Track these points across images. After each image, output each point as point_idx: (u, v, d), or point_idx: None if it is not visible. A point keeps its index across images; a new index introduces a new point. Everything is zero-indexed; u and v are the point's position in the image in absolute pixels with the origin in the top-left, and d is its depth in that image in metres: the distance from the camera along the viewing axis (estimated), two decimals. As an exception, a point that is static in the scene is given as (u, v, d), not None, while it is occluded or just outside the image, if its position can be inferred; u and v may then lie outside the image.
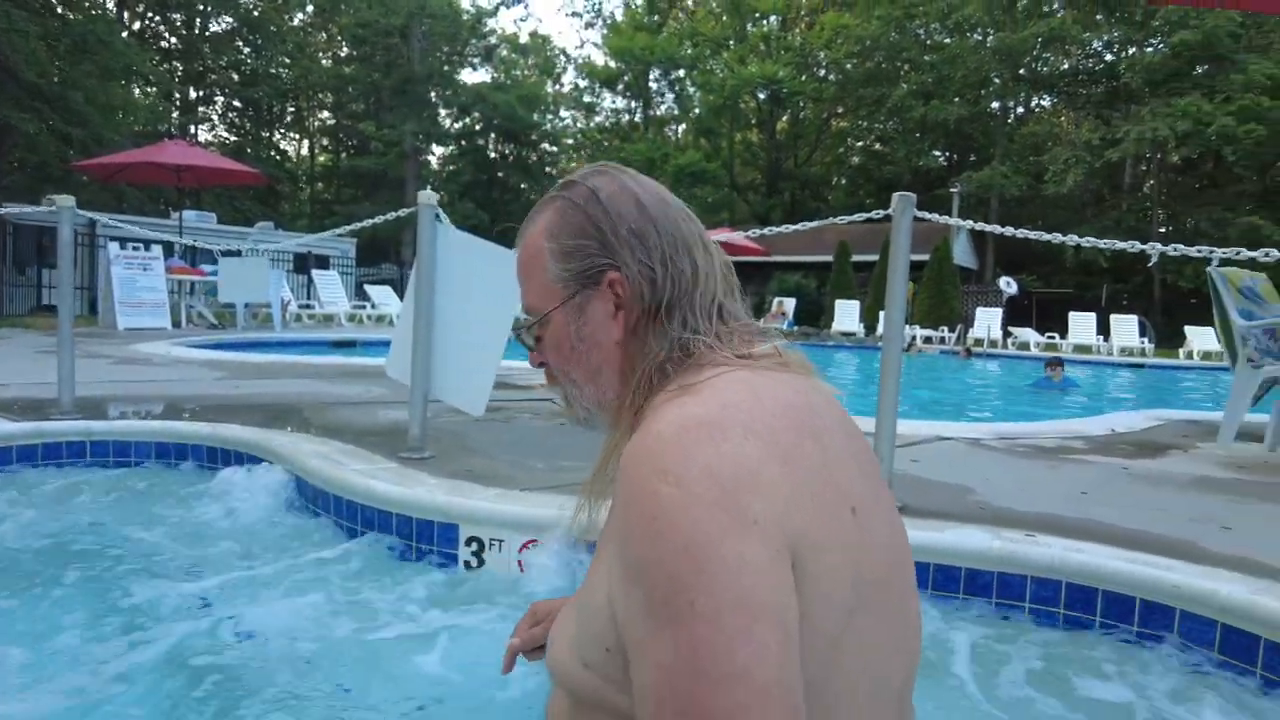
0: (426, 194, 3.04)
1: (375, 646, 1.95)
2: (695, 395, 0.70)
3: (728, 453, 0.63)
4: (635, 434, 0.69)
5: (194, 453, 3.43)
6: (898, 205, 2.52)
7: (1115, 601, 2.00)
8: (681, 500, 0.60)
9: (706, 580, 0.58)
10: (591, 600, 0.72)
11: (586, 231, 0.81)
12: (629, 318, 0.80)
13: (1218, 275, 4.04)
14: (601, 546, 0.75)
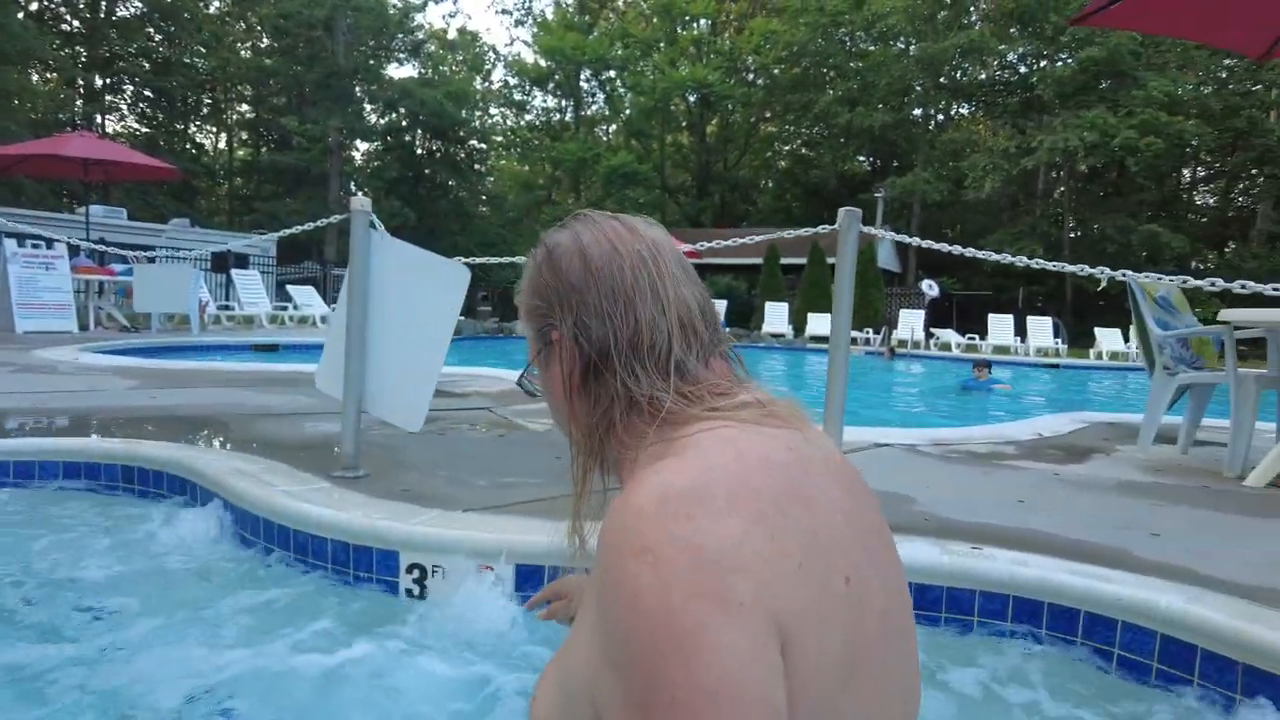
0: (360, 199, 2.91)
1: (310, 684, 1.84)
2: (677, 458, 0.67)
3: (709, 529, 0.60)
4: (617, 501, 0.66)
5: (107, 472, 3.21)
6: (843, 220, 2.53)
7: (1061, 615, 2.03)
8: (662, 584, 0.57)
9: (688, 673, 0.55)
10: (573, 663, 0.70)
11: (538, 290, 0.83)
12: (570, 377, 0.80)
13: (1135, 285, 4.20)
14: (584, 608, 0.73)
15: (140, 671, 1.89)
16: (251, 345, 10.58)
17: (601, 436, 0.78)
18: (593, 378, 0.78)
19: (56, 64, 25.21)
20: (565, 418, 0.83)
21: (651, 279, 0.79)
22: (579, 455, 0.81)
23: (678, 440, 0.70)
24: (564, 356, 0.80)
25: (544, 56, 36.23)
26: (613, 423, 0.77)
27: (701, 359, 0.78)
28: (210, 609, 2.20)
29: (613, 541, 0.62)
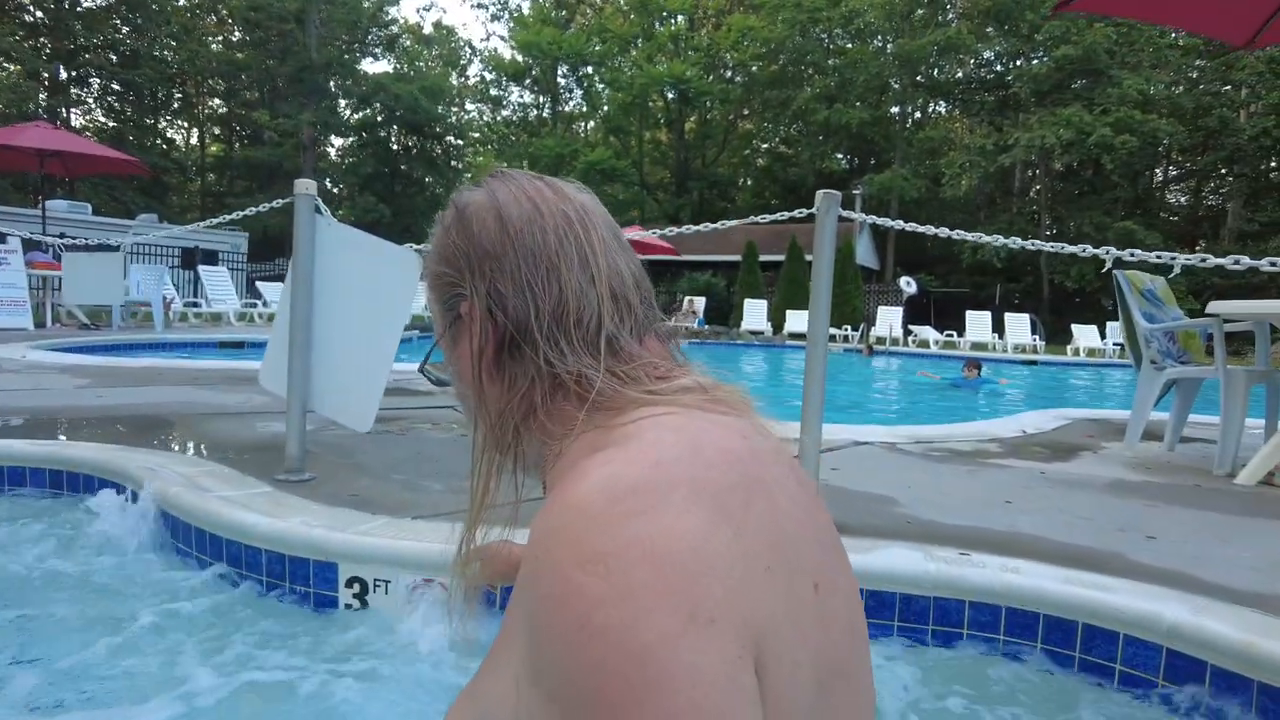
0: (303, 182, 2.70)
1: (236, 709, 1.65)
2: (621, 449, 0.57)
3: (669, 529, 0.50)
4: (552, 500, 0.54)
5: (33, 477, 2.98)
6: (822, 204, 2.36)
7: (1057, 627, 1.88)
8: (617, 597, 0.47)
9: (653, 704, 0.46)
10: (493, 695, 0.61)
11: (445, 257, 0.72)
12: (480, 353, 0.68)
13: (1122, 278, 4.09)
14: (507, 628, 0.62)
15: (47, 694, 1.70)
16: (217, 343, 10.28)
17: (518, 424, 0.67)
18: (508, 355, 0.67)
19: (18, 55, 24.51)
20: (474, 404, 0.71)
21: (579, 243, 0.69)
22: (486, 450, 0.69)
23: (617, 428, 0.60)
24: (475, 330, 0.69)
25: (520, 52, 35.89)
26: (533, 406, 0.66)
27: (635, 335, 0.68)
28: (131, 626, 1.99)
29: (550, 549, 0.51)
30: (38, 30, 27.85)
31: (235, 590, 2.19)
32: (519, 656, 0.54)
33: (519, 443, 0.68)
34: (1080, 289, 25.52)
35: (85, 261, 7.07)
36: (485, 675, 0.66)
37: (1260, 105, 24.33)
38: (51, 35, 27.94)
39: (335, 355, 2.73)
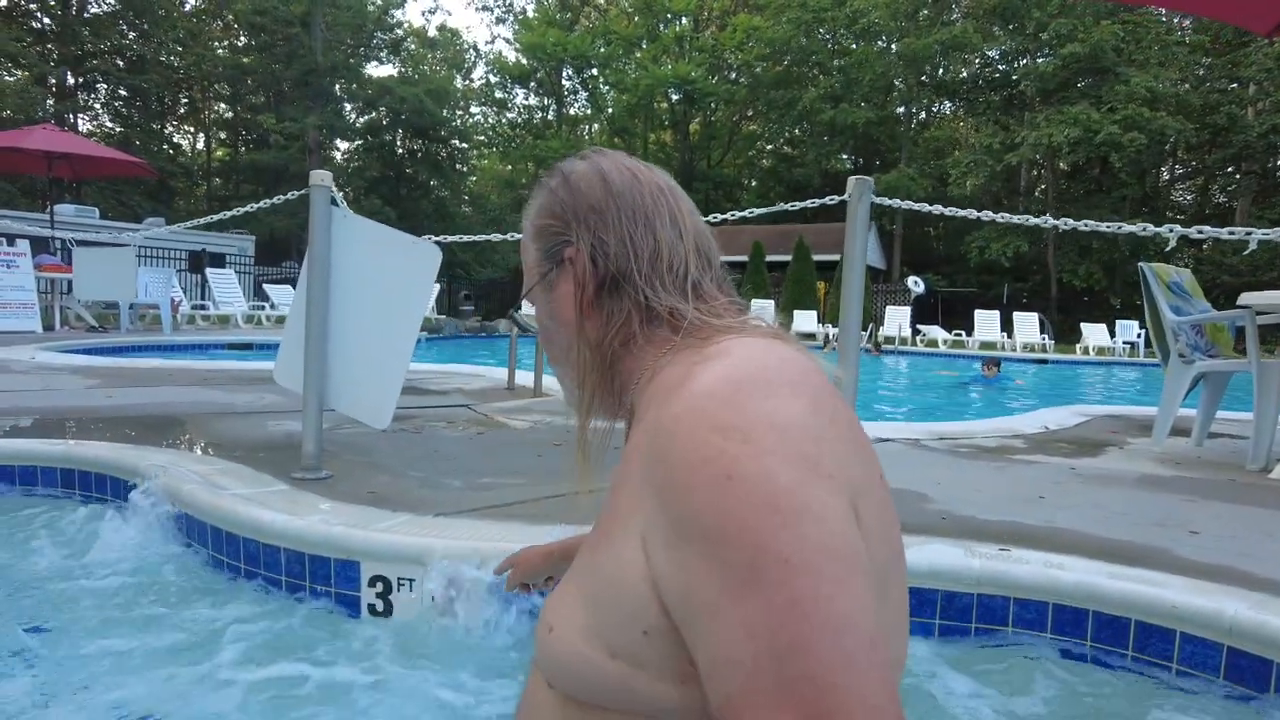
0: (319, 174, 2.64)
1: (253, 714, 1.58)
2: (723, 359, 0.66)
3: (784, 408, 0.60)
4: (676, 391, 0.64)
5: (44, 477, 2.93)
6: (854, 189, 2.30)
7: (1108, 625, 1.81)
8: (754, 455, 0.56)
9: (796, 533, 0.53)
10: (615, 579, 0.64)
11: (552, 211, 0.83)
12: (583, 293, 0.80)
13: (1148, 270, 4.01)
14: (621, 509, 0.66)
15: (64, 698, 1.64)
16: (225, 344, 10.24)
17: (616, 351, 0.78)
18: (608, 293, 0.78)
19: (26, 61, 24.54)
20: (568, 342, 0.82)
21: (670, 206, 0.82)
22: (588, 373, 0.80)
23: (711, 346, 0.70)
24: (579, 272, 0.80)
25: (525, 54, 35.86)
26: (632, 335, 0.77)
27: (714, 284, 0.81)
28: (142, 627, 1.94)
29: (685, 422, 0.59)
30: (45, 36, 27.91)
31: (252, 590, 2.12)
32: (646, 525, 0.60)
33: (614, 367, 0.78)
34: (1089, 288, 25.38)
35: (97, 257, 6.95)
36: (597, 551, 0.68)
37: (1269, 102, 24.17)
38: (59, 41, 27.98)
39: (352, 350, 2.67)
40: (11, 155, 11.13)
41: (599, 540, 0.69)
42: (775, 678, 0.51)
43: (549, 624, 0.69)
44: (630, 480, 0.65)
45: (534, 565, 1.22)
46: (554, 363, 0.88)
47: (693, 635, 0.56)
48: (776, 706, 0.50)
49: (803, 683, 0.50)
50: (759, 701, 0.51)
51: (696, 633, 0.56)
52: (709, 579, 0.54)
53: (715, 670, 0.54)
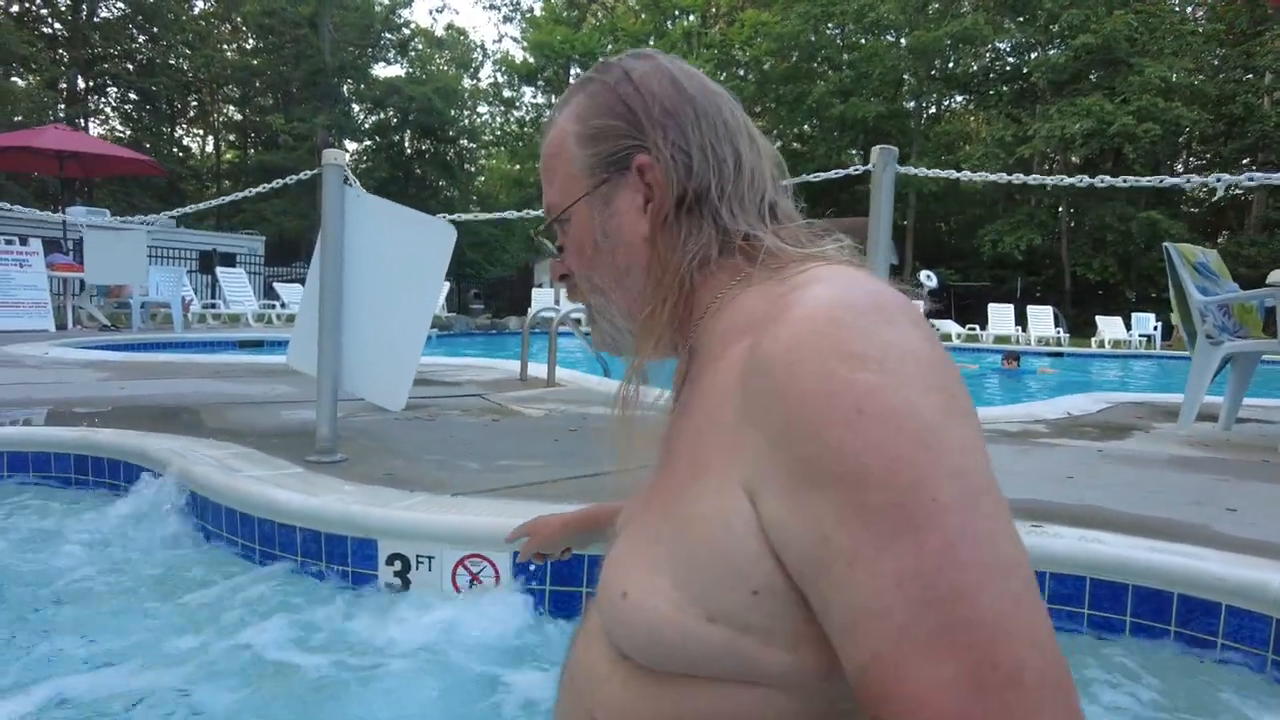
0: (332, 152, 2.61)
1: (272, 691, 1.54)
2: (825, 284, 0.58)
3: (912, 336, 0.53)
4: (768, 329, 0.56)
5: (58, 463, 2.90)
6: (878, 160, 2.24)
7: (1150, 599, 1.75)
8: (892, 384, 0.50)
9: (946, 469, 0.48)
10: (712, 536, 0.57)
11: (615, 111, 0.72)
12: (660, 209, 0.70)
13: (1174, 251, 3.93)
14: (697, 473, 0.60)
15: (85, 677, 1.61)
16: (236, 342, 10.25)
17: (689, 277, 0.69)
18: (687, 211, 0.70)
19: (38, 65, 24.70)
20: (625, 266, 0.73)
21: (745, 119, 0.75)
22: (657, 302, 0.70)
23: (795, 276, 0.62)
24: (653, 183, 0.70)
25: (533, 52, 35.86)
26: (707, 260, 0.69)
27: (788, 198, 0.75)
28: (163, 609, 1.91)
29: (807, 352, 0.52)
30: (56, 41, 28.08)
31: (266, 570, 2.09)
32: (753, 473, 0.54)
33: (690, 293, 0.69)
34: (1103, 281, 25.16)
35: (108, 240, 6.82)
36: (674, 507, 0.61)
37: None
38: (69, 45, 28.16)
39: (366, 331, 2.63)
40: (24, 155, 11.17)
41: (672, 496, 0.62)
42: (933, 627, 0.45)
43: (621, 589, 0.62)
44: (716, 425, 0.58)
45: (551, 535, 1.14)
46: (593, 292, 0.76)
47: (825, 590, 0.50)
48: (937, 658, 0.45)
49: (967, 630, 0.45)
50: (916, 654, 0.45)
51: (830, 586, 0.49)
52: (847, 525, 0.48)
53: (859, 625, 0.48)
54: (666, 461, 0.66)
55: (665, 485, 0.64)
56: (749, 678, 0.56)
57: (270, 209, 29.88)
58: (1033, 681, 0.44)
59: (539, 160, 0.80)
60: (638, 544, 0.64)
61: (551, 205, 0.77)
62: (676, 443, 0.65)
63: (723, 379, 0.60)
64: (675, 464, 0.64)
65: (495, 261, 34.17)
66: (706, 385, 0.62)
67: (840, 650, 0.49)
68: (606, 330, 0.77)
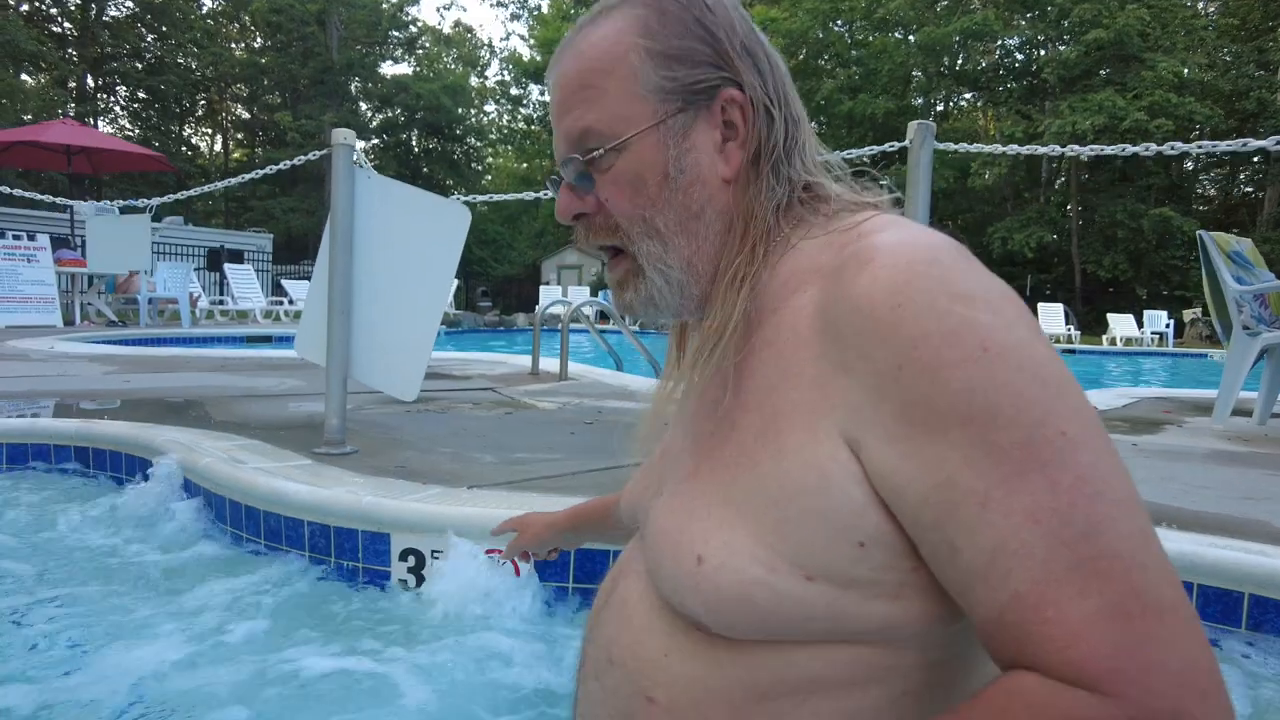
0: (341, 131, 2.50)
1: (279, 691, 1.44)
2: (899, 230, 0.57)
3: (995, 278, 0.53)
4: (863, 270, 0.53)
5: (59, 455, 2.81)
6: (915, 135, 2.13)
7: (1217, 599, 1.63)
8: (1005, 323, 0.50)
9: (1069, 404, 0.48)
10: (807, 489, 0.53)
11: (696, 34, 0.64)
12: (744, 150, 0.64)
13: (1208, 239, 3.80)
14: (777, 426, 0.56)
15: (86, 674, 1.52)
16: (244, 337, 10.18)
17: (770, 225, 0.64)
18: (764, 156, 0.64)
19: (47, 64, 24.73)
20: (696, 209, 0.64)
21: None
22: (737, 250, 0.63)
23: (864, 223, 0.59)
24: (736, 122, 0.64)
25: (540, 50, 35.78)
26: (787, 206, 0.65)
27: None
28: (167, 605, 1.81)
29: (915, 291, 0.50)
30: (65, 40, 28.11)
31: (274, 566, 1.99)
32: (852, 420, 0.52)
33: (766, 246, 0.63)
34: (1113, 278, 24.96)
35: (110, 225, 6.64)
36: (751, 464, 0.56)
37: (1299, 87, 23.65)
38: (78, 44, 28.20)
39: (377, 317, 2.53)
40: (32, 150, 11.12)
41: (740, 456, 0.57)
42: (1073, 561, 0.44)
43: (695, 555, 0.57)
44: (792, 377, 0.55)
45: (539, 534, 1.07)
46: (646, 237, 0.65)
47: (952, 534, 0.48)
48: (1080, 593, 0.44)
49: (1108, 561, 0.44)
50: (1057, 590, 0.44)
51: (960, 530, 0.48)
52: (975, 466, 0.47)
53: (995, 566, 0.46)
54: (713, 425, 0.61)
55: (720, 448, 0.60)
56: (843, 636, 0.54)
57: (278, 207, 29.90)
58: (1171, 609, 0.44)
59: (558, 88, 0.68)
60: (698, 509, 0.59)
61: (597, 126, 0.65)
62: (730, 404, 0.60)
63: (789, 330, 0.57)
64: (733, 425, 0.59)
65: (502, 259, 34.10)
66: (767, 339, 0.59)
67: (970, 596, 0.48)
68: (656, 284, 0.66)
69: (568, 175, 0.67)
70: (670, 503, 0.63)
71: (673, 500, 0.63)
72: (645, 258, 0.66)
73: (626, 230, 0.66)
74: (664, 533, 0.61)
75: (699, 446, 0.63)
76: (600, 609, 0.72)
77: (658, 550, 0.62)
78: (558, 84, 0.68)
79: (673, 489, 0.64)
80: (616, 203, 0.66)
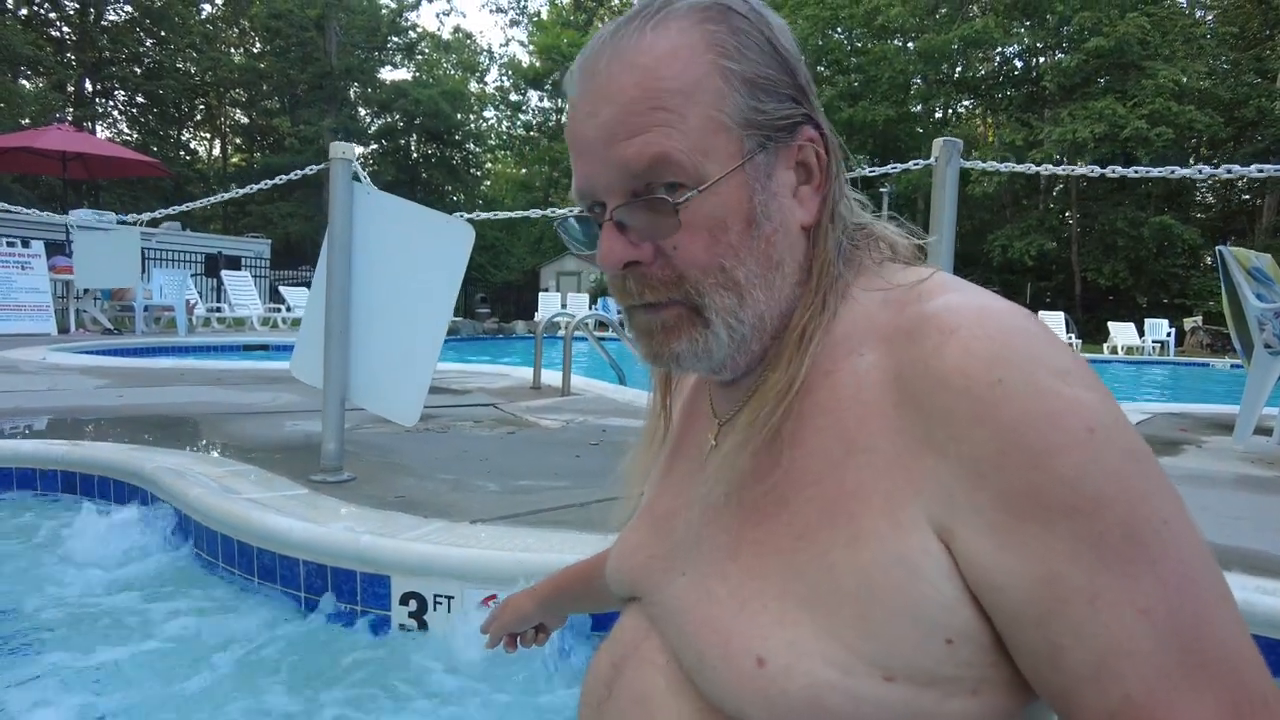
0: (340, 145, 2.41)
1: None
2: (967, 291, 0.52)
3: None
4: (947, 338, 0.48)
5: (45, 480, 2.71)
6: (941, 153, 2.04)
7: (1268, 650, 1.53)
8: (1103, 401, 0.46)
9: (1163, 488, 0.46)
10: (888, 584, 0.48)
11: (774, 62, 0.56)
12: (821, 194, 0.58)
13: (1228, 254, 3.71)
14: (849, 509, 0.49)
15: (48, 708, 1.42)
16: (241, 346, 10.08)
17: (840, 272, 0.58)
18: (836, 205, 0.59)
19: (45, 68, 24.66)
20: (778, 258, 0.57)
21: None
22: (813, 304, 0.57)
23: (921, 284, 0.54)
24: (809, 164, 0.58)
25: (539, 55, 35.78)
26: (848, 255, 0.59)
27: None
28: (144, 646, 1.70)
29: (1013, 368, 0.46)
30: (64, 44, 28.03)
31: (267, 609, 1.88)
32: (944, 507, 0.47)
33: (838, 299, 0.57)
34: (1113, 286, 24.93)
35: (98, 241, 6.46)
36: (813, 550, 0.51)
37: (1298, 96, 23.66)
38: (77, 48, 28.13)
39: (377, 339, 2.43)
40: (26, 156, 11.01)
41: (798, 539, 0.51)
42: (1183, 661, 0.43)
43: (755, 656, 0.51)
44: (862, 452, 0.50)
45: (522, 611, 0.97)
46: (720, 290, 0.55)
47: (1057, 633, 0.45)
48: (1194, 693, 0.42)
49: (1216, 659, 0.43)
50: (1172, 691, 0.43)
51: (1066, 629, 0.44)
52: (1081, 560, 0.44)
53: (1105, 667, 0.44)
54: (752, 498, 0.55)
55: (768, 528, 0.54)
56: None
57: (276, 212, 29.80)
58: (1275, 699, 0.43)
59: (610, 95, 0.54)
60: (750, 601, 0.53)
61: (672, 159, 0.53)
62: (777, 477, 0.54)
63: (851, 397, 0.52)
64: (783, 502, 0.53)
65: (501, 266, 34.03)
66: (822, 404, 0.53)
67: (1073, 698, 0.45)
68: (720, 338, 0.56)
69: (624, 214, 0.55)
70: (705, 588, 0.56)
71: (708, 585, 0.55)
72: (716, 311, 0.56)
73: (696, 282, 0.55)
74: (706, 626, 0.54)
75: (734, 522, 0.56)
76: (600, 704, 0.61)
77: (698, 646, 0.54)
78: (605, 97, 0.54)
79: (704, 569, 0.57)
80: (690, 250, 0.55)
